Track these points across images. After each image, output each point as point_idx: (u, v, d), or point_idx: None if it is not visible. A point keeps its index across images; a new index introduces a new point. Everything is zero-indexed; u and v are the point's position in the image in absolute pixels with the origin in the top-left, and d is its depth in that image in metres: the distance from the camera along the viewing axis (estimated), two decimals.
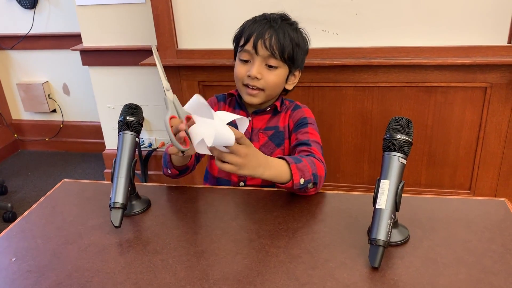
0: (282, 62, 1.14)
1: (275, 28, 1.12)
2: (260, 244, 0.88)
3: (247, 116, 1.23)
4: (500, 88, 1.77)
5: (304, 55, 1.21)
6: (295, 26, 1.18)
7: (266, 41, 1.11)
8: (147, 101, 2.41)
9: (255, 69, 1.13)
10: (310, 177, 1.00)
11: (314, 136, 1.16)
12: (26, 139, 3.17)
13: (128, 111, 1.01)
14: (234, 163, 0.88)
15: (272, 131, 1.22)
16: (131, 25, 2.25)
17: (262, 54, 1.12)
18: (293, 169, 0.98)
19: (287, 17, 1.19)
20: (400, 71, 1.81)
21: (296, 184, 0.98)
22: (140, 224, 0.98)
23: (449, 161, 1.95)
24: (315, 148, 1.11)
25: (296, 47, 1.15)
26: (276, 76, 1.15)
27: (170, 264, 0.83)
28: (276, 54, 1.12)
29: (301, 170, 0.99)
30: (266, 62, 1.14)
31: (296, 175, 0.98)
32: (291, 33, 1.14)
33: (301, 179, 0.98)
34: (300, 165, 1.00)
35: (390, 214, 0.81)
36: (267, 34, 1.12)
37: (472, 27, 1.73)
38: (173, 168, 1.11)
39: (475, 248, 0.84)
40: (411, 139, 0.84)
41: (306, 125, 1.18)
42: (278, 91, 1.20)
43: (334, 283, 0.77)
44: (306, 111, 1.23)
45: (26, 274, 0.83)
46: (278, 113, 1.23)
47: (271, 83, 1.15)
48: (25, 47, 2.86)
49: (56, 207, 1.06)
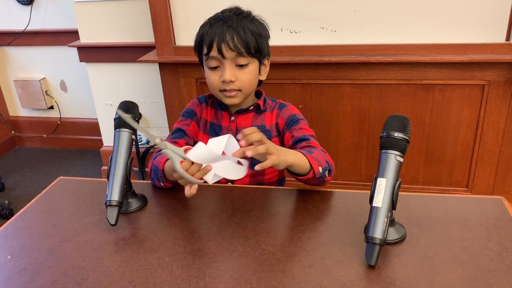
0: (250, 57, 1.12)
1: (234, 27, 1.09)
2: (257, 242, 0.88)
3: (230, 116, 1.22)
4: (497, 85, 1.76)
5: (267, 41, 1.19)
6: (250, 18, 1.15)
7: (229, 42, 1.08)
8: (145, 97, 2.40)
9: (228, 73, 1.11)
10: (326, 165, 1.03)
11: (308, 131, 1.17)
12: (24, 135, 3.16)
13: (124, 108, 1.01)
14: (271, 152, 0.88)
15: (259, 130, 1.20)
16: (128, 21, 2.24)
17: (230, 57, 1.10)
18: (310, 159, 1.00)
19: (240, 10, 1.16)
20: (398, 69, 1.81)
21: (317, 172, 1.00)
22: (136, 221, 0.97)
23: (446, 159, 1.95)
24: (314, 142, 1.13)
25: (259, 38, 1.13)
26: (249, 74, 1.14)
27: (166, 262, 0.83)
28: (243, 52, 1.10)
29: (316, 159, 1.01)
30: (235, 62, 1.11)
31: (315, 165, 1.00)
32: (250, 26, 1.12)
33: (319, 167, 1.00)
34: (314, 155, 1.02)
35: (386, 212, 0.81)
36: (228, 35, 1.09)
37: (470, 24, 1.72)
38: (167, 182, 1.07)
39: (472, 247, 0.84)
40: (408, 137, 0.84)
41: (298, 121, 1.19)
42: (254, 86, 1.19)
43: (330, 281, 0.76)
44: (293, 108, 1.23)
45: (21, 272, 0.83)
46: (262, 112, 1.22)
47: (246, 82, 1.14)
48: (22, 43, 2.85)
49: (52, 205, 1.06)
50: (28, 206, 1.06)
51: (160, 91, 2.18)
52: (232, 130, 1.21)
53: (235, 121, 1.21)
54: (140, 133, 2.49)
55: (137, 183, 1.12)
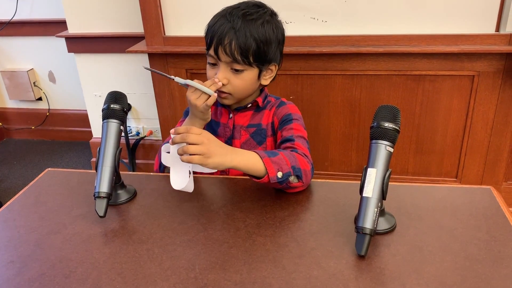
0: (247, 65, 1.07)
1: (236, 30, 1.04)
2: (247, 233, 0.87)
3: (229, 113, 1.19)
4: (487, 76, 1.77)
5: (278, 46, 1.12)
6: (262, 21, 1.07)
7: (226, 47, 1.04)
8: (134, 89, 2.38)
9: (220, 75, 1.07)
10: (289, 170, 0.95)
11: (298, 132, 1.11)
12: (12, 127, 3.12)
13: (112, 99, 0.99)
14: (200, 152, 0.86)
15: (254, 128, 1.19)
16: (117, 11, 2.21)
17: (225, 60, 1.06)
18: (266, 162, 0.94)
19: (252, 10, 1.08)
20: (388, 59, 1.81)
21: (272, 177, 0.93)
22: (125, 213, 0.96)
23: (436, 149, 1.96)
24: (298, 143, 1.07)
25: (263, 45, 1.06)
26: (242, 81, 1.09)
27: (156, 253, 0.83)
28: (239, 59, 1.05)
29: (277, 163, 0.95)
30: (230, 66, 1.08)
31: (271, 168, 0.93)
32: (255, 31, 1.05)
33: (279, 172, 0.94)
34: (275, 158, 0.95)
35: (376, 202, 0.81)
36: (227, 39, 1.04)
37: (460, 15, 1.72)
38: None
39: (461, 236, 0.84)
40: (398, 127, 0.84)
41: (291, 121, 1.14)
42: (249, 92, 1.15)
43: (320, 272, 0.76)
44: (291, 107, 1.18)
45: (8, 264, 0.82)
46: (261, 110, 1.19)
47: (238, 88, 1.10)
48: (8, 33, 2.80)
49: (40, 197, 1.04)
50: (16, 198, 1.04)
51: (150, 82, 2.15)
52: (229, 127, 1.19)
53: (233, 118, 1.19)
54: (130, 125, 2.47)
55: (126, 174, 1.11)
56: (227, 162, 0.91)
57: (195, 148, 0.86)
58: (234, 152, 0.93)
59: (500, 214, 0.90)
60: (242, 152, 0.95)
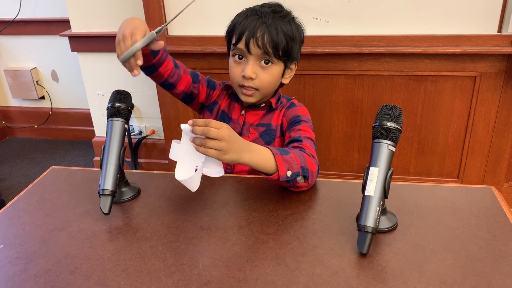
0: (276, 59, 1.10)
1: (267, 24, 1.07)
2: (250, 231, 0.88)
3: (241, 110, 1.21)
4: (489, 77, 1.78)
5: (300, 45, 1.17)
6: (288, 19, 1.12)
7: (259, 39, 1.06)
8: (137, 88, 2.39)
9: (249, 69, 1.09)
10: (299, 170, 0.96)
11: (306, 133, 1.12)
12: (15, 126, 3.13)
13: (117, 98, 1.00)
14: (219, 148, 0.86)
15: (264, 128, 1.20)
16: (120, 11, 2.22)
17: (256, 53, 1.08)
18: (278, 160, 0.94)
19: (280, 8, 1.13)
20: (390, 60, 1.81)
21: (282, 176, 0.94)
22: (129, 211, 0.97)
23: (438, 150, 1.97)
24: (306, 144, 1.07)
25: (291, 41, 1.10)
26: (270, 75, 1.12)
27: (160, 250, 0.84)
28: (270, 52, 1.08)
29: (288, 161, 0.95)
30: (260, 60, 1.10)
31: (282, 167, 0.94)
32: (285, 27, 1.09)
33: (288, 171, 0.94)
34: (287, 157, 0.96)
35: (378, 201, 0.81)
36: (259, 32, 1.07)
37: (462, 16, 1.73)
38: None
39: (462, 235, 0.85)
40: (400, 126, 0.84)
41: (300, 122, 1.15)
42: (272, 89, 1.17)
43: (322, 269, 0.77)
44: (301, 109, 1.20)
45: (14, 261, 0.83)
46: (273, 110, 1.20)
47: (266, 83, 1.12)
48: (12, 32, 2.81)
49: (45, 194, 1.05)
50: (21, 195, 1.05)
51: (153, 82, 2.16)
52: (239, 123, 1.20)
53: (244, 115, 1.20)
54: (132, 124, 2.48)
55: (130, 172, 1.12)
56: (241, 159, 0.91)
57: (213, 143, 0.86)
58: (249, 149, 0.92)
59: (501, 213, 0.91)
60: (256, 149, 0.94)
